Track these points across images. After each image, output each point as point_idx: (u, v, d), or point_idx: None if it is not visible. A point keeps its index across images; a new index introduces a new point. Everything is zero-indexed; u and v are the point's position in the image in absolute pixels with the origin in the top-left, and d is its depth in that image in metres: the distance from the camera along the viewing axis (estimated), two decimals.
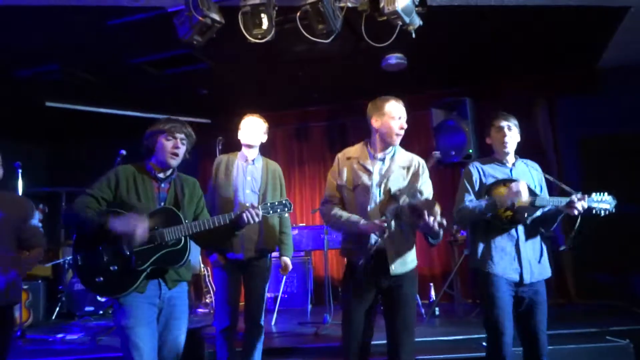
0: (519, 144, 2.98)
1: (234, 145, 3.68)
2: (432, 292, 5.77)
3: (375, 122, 2.75)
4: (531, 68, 6.18)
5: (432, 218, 2.37)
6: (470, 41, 5.29)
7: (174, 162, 2.57)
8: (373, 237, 2.60)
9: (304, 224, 6.75)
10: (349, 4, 3.64)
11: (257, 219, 2.52)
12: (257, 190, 3.41)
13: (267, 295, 6.43)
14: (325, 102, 7.09)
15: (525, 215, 2.72)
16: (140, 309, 2.39)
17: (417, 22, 3.66)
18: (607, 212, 2.73)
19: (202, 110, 7.34)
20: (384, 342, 2.68)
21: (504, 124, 2.91)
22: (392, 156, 2.75)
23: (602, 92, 6.11)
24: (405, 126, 2.75)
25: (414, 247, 2.75)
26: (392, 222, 2.55)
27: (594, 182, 2.76)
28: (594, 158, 5.95)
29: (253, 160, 3.51)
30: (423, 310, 5.34)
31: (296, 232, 6.04)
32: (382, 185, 2.64)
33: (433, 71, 6.19)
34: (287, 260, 3.54)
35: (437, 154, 3.02)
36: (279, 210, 2.60)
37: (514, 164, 2.94)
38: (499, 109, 3.12)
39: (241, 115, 3.62)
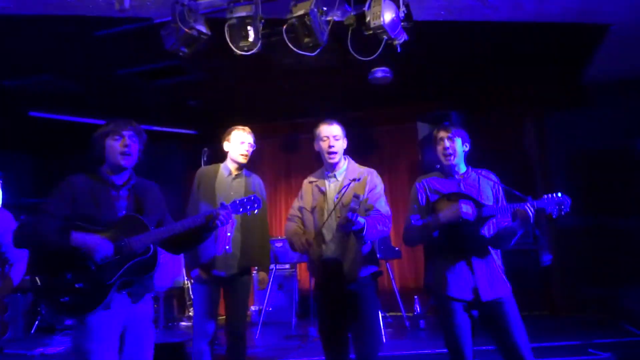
0: (505, 154, 2.92)
1: (220, 156, 3.65)
2: (417, 305, 5.76)
3: (315, 146, 3.06)
4: (518, 83, 6.27)
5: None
6: (456, 56, 5.37)
7: (126, 162, 2.38)
8: (323, 253, 2.83)
9: None
10: (336, 18, 3.67)
11: (229, 220, 2.49)
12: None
13: (252, 308, 6.44)
14: (313, 114, 7.09)
15: (473, 229, 2.61)
16: (104, 331, 2.21)
17: (403, 36, 3.69)
18: (562, 212, 2.53)
19: (190, 122, 7.33)
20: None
21: (442, 135, 2.83)
22: (344, 172, 2.98)
23: (588, 107, 6.21)
24: (335, 145, 2.95)
25: (370, 255, 2.89)
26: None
27: (581, 196, 2.66)
28: (581, 173, 6.03)
29: (237, 175, 3.45)
30: (408, 324, 5.33)
31: (281, 244, 6.02)
32: (337, 202, 2.84)
33: (419, 85, 6.26)
34: (265, 275, 3.51)
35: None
36: (248, 207, 2.55)
37: (464, 175, 2.81)
38: (485, 123, 3.07)
39: (229, 126, 3.59)
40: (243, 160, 3.44)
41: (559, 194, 2.55)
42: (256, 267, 3.58)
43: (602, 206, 5.63)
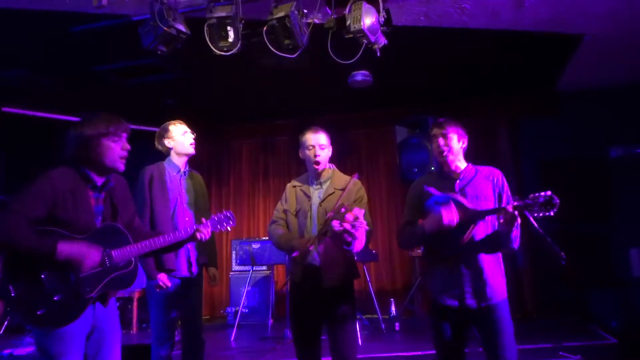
0: (479, 160, 2.76)
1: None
2: (393, 307, 5.80)
3: (300, 153, 2.99)
4: (494, 89, 6.38)
5: (336, 222, 2.50)
6: (434, 61, 5.44)
7: (123, 166, 2.28)
8: (308, 256, 2.77)
9: (267, 238, 6.70)
10: (316, 21, 3.67)
11: (208, 236, 2.54)
12: (193, 203, 3.29)
13: (228, 309, 6.41)
14: (292, 116, 7.12)
15: (463, 235, 2.46)
16: (74, 336, 2.12)
17: (382, 41, 3.72)
18: (550, 213, 2.30)
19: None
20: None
21: (436, 132, 2.67)
22: (330, 180, 2.93)
23: (561, 114, 6.35)
24: (320, 154, 2.88)
25: (350, 264, 2.84)
26: (317, 240, 2.72)
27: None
28: (554, 179, 6.14)
29: (185, 172, 3.36)
30: (383, 326, 5.36)
31: (258, 245, 6.01)
32: (321, 208, 2.81)
33: (398, 89, 6.31)
34: (216, 270, 3.45)
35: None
36: (224, 224, 2.64)
37: (462, 174, 2.67)
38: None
39: (205, 126, 3.55)
40: (193, 150, 3.35)
41: (547, 193, 2.30)
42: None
43: (573, 212, 5.75)
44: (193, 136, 3.37)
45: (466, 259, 2.55)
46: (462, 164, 2.71)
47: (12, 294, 2.02)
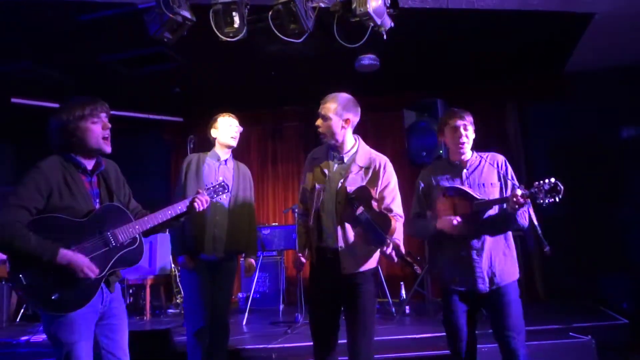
0: (488, 143, 2.83)
1: (206, 144, 3.64)
2: (403, 291, 5.82)
3: None
4: (502, 72, 6.30)
5: (389, 248, 2.36)
6: (442, 44, 5.38)
7: (109, 147, 2.29)
8: (321, 241, 2.65)
9: (277, 224, 6.74)
10: (322, 5, 3.65)
11: (206, 205, 2.47)
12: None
13: (239, 295, 6.46)
14: (299, 103, 7.10)
15: (472, 226, 2.54)
16: (84, 321, 2.15)
17: (389, 23, 3.69)
18: (555, 199, 2.34)
19: (174, 109, 7.26)
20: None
21: (459, 123, 2.65)
22: (353, 156, 2.69)
23: (571, 96, 6.27)
24: (320, 125, 2.72)
25: (371, 251, 2.61)
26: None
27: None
28: (563, 162, 6.08)
29: (225, 161, 3.47)
30: (394, 309, 5.39)
31: (268, 231, 6.04)
32: (339, 186, 2.60)
33: (406, 72, 6.26)
34: (252, 262, 3.52)
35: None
36: (220, 192, 2.66)
37: (469, 163, 2.70)
38: (469, 111, 2.93)
39: (214, 113, 3.58)
40: (233, 142, 3.48)
41: (551, 180, 2.35)
42: (243, 254, 3.55)
43: (583, 195, 5.70)
44: (238, 129, 3.48)
45: (474, 244, 2.60)
46: (468, 153, 2.73)
47: (24, 282, 2.05)
